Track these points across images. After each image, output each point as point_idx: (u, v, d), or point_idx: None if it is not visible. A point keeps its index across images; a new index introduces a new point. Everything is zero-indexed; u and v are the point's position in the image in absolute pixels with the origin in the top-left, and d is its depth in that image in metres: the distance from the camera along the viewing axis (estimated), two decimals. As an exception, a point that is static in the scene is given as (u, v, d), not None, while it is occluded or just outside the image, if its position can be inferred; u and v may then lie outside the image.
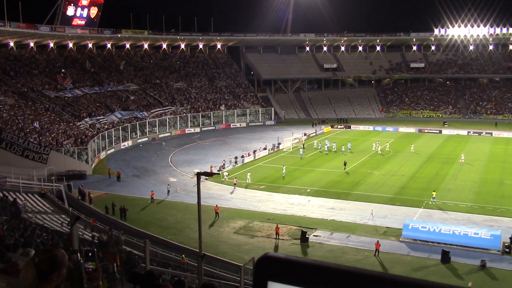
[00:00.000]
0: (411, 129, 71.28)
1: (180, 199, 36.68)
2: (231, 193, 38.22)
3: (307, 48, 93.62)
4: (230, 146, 60.14)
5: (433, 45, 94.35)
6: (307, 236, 27.20)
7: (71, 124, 53.48)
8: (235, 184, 39.53)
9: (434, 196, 34.27)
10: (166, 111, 71.51)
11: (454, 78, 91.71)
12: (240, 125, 78.45)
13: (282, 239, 27.35)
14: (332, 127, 75.25)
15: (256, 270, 1.26)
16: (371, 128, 73.67)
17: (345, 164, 47.08)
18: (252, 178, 43.18)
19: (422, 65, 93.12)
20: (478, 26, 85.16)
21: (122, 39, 75.61)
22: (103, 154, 53.55)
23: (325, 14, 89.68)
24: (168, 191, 37.31)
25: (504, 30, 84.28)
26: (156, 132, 67.45)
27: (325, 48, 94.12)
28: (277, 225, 28.31)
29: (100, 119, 59.43)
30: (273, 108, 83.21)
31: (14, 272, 3.37)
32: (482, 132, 67.56)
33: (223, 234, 28.52)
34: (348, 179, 42.31)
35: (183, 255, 22.94)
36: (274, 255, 1.30)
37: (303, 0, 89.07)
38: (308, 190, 37.33)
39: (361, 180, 41.80)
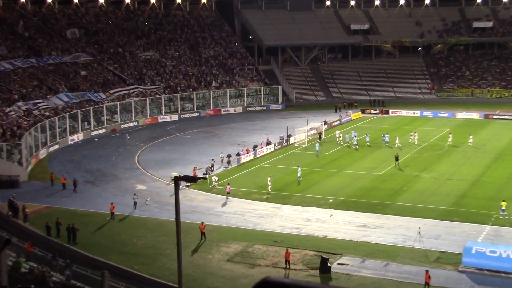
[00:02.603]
0: (474, 115, 71.30)
1: (152, 214, 36.66)
2: (223, 205, 38.61)
3: (328, 3, 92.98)
4: (221, 140, 60.33)
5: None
6: (329, 264, 27.38)
7: (-3, 110, 54.41)
8: (228, 193, 39.84)
9: (503, 207, 34.37)
10: (131, 91, 71.72)
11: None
12: (235, 110, 78.31)
13: (295, 269, 27.65)
14: (363, 112, 75.24)
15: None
16: (417, 113, 73.62)
17: (397, 159, 47.90)
18: (252, 184, 43.41)
19: (490, 24, 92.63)
20: None
21: (68, -9, 76.52)
22: (43, 153, 53.67)
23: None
24: (135, 203, 37.52)
25: None
26: (117, 121, 67.55)
27: (352, 3, 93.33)
28: (287, 249, 28.49)
29: (39, 103, 59.37)
30: (280, 87, 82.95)
31: None
32: None
33: (212, 263, 28.85)
34: (386, 185, 42.48)
35: (157, 293, 23.61)
36: (277, 279, 1.24)
37: None
38: (331, 200, 37.56)
39: (404, 186, 41.94)
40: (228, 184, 40.76)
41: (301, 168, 45.14)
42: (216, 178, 43.06)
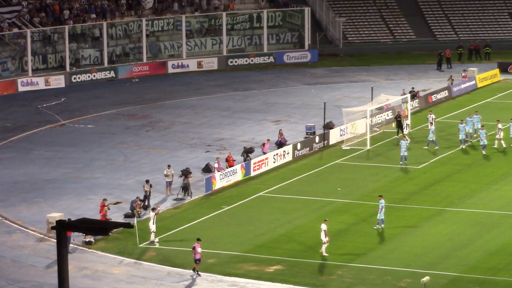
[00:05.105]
0: None
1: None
2: None
3: None
4: (167, 137, 61.12)
5: None
6: None
7: None
8: (197, 261, 40.05)
9: None
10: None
11: None
12: (201, 65, 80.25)
13: None
14: (504, 70, 76.86)
15: None
16: None
17: None
18: (243, 240, 42.92)
19: None
20: None
21: None
22: None
23: None
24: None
25: None
26: None
27: None
28: None
29: None
30: (307, 11, 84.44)
31: None
32: None
33: None
34: None
35: None
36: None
37: None
38: (426, 278, 37.43)
39: None
40: (198, 241, 40.40)
41: (363, 198, 45.45)
42: (153, 230, 43.30)
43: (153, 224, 42.47)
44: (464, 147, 56.55)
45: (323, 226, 40.68)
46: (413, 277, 38.20)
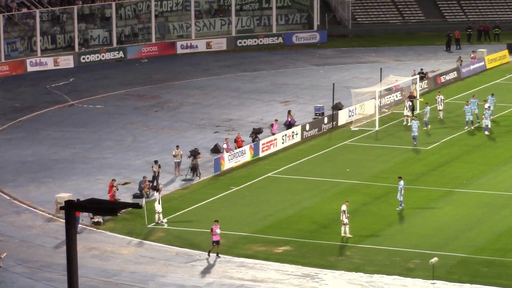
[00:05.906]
0: None
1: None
2: (206, 273, 38.34)
3: None
4: (176, 117, 61.17)
5: None
6: None
7: None
8: (215, 243, 39.92)
9: None
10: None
11: None
12: (209, 45, 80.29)
13: None
14: None
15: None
16: None
17: None
18: (250, 221, 43.07)
19: None
20: None
21: None
22: None
23: None
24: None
25: None
26: None
27: None
28: None
29: None
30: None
31: None
32: None
33: None
34: None
35: None
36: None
37: None
38: (434, 260, 37.41)
39: None
40: (216, 222, 40.22)
41: (371, 179, 45.24)
42: (160, 211, 43.26)
43: (159, 204, 42.52)
44: (473, 128, 56.70)
45: (343, 207, 40.65)
46: (421, 258, 38.24)
